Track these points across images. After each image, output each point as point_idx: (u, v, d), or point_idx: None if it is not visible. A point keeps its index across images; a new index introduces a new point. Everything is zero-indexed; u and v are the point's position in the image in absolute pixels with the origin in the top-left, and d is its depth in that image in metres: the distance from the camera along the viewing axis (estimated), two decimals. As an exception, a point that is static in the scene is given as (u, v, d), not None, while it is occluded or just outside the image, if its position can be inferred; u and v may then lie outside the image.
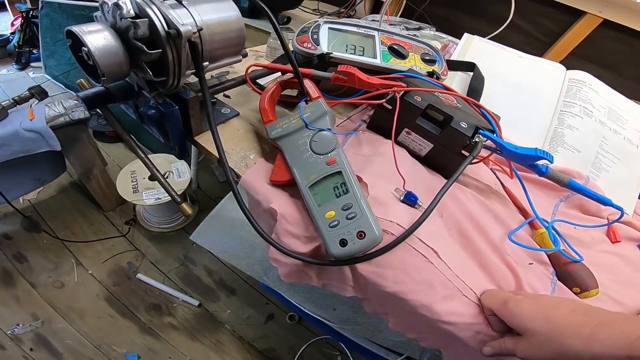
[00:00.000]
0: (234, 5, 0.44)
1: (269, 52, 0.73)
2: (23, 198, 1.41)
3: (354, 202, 0.34)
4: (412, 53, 0.56)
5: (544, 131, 0.60)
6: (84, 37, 0.37)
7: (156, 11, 0.36)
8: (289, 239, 0.37)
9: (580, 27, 0.92)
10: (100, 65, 0.37)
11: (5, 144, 0.96)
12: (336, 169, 0.37)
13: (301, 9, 1.24)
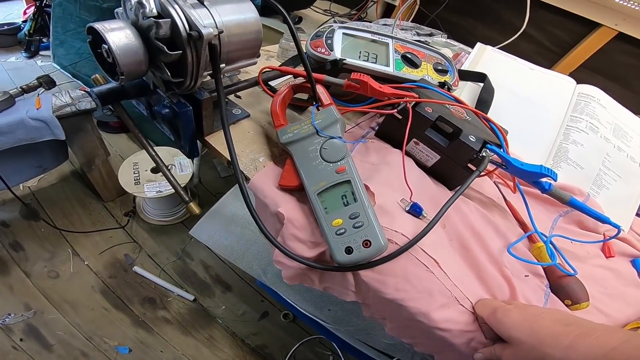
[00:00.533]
0: (253, 7, 0.44)
1: (281, 53, 0.73)
2: (23, 185, 1.41)
3: (362, 211, 0.35)
4: (425, 62, 0.56)
5: (549, 146, 0.60)
6: (106, 35, 0.37)
7: (179, 11, 0.36)
8: (294, 243, 0.38)
9: (594, 39, 0.92)
10: (120, 63, 0.37)
11: (10, 132, 0.96)
12: (345, 178, 0.38)
13: (313, 9, 1.24)
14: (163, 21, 0.36)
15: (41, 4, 2.55)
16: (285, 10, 1.03)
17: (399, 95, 0.45)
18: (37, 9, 2.60)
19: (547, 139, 0.61)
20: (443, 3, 1.14)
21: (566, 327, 0.30)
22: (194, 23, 0.36)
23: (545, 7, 0.96)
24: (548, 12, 0.97)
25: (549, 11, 0.97)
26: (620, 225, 0.57)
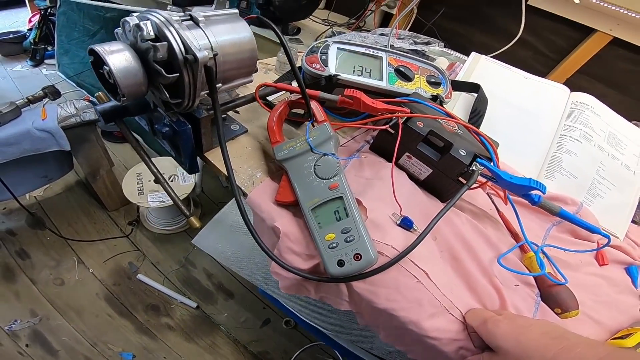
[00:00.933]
0: (247, 26, 0.46)
1: (278, 67, 0.74)
2: (29, 194, 1.44)
3: (353, 226, 0.36)
4: (418, 75, 0.57)
5: (542, 155, 0.61)
6: (107, 57, 0.38)
7: (175, 34, 0.37)
8: (290, 255, 0.39)
9: (589, 45, 0.92)
10: (120, 85, 0.39)
11: (17, 143, 0.99)
12: (338, 194, 0.39)
13: (311, 19, 1.25)
14: (160, 45, 0.37)
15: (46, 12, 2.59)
16: (282, 21, 1.06)
17: (391, 110, 0.46)
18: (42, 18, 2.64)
19: (541, 149, 0.62)
20: (440, 11, 1.16)
21: (552, 339, 0.31)
22: (189, 46, 0.37)
23: (541, 13, 0.97)
24: (543, 18, 0.98)
25: (544, 17, 0.97)
26: (616, 232, 0.58)
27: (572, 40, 0.97)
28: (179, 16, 0.41)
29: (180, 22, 0.40)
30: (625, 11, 0.83)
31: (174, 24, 0.38)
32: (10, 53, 2.97)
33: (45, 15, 2.59)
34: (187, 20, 0.41)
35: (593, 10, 0.90)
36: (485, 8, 1.10)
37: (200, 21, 0.41)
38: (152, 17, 0.39)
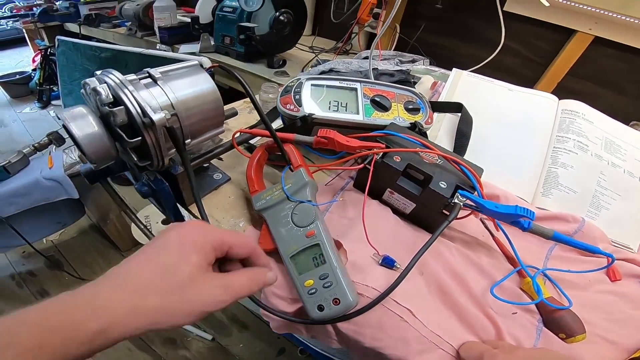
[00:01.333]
0: (208, 77, 0.45)
1: (262, 105, 0.75)
2: (46, 239, 1.50)
3: (330, 272, 0.37)
4: (395, 103, 0.56)
5: (537, 172, 0.59)
6: (70, 125, 0.38)
7: (130, 97, 0.37)
8: (275, 299, 0.40)
9: (573, 46, 0.90)
10: (86, 152, 0.39)
11: (28, 193, 1.01)
12: (315, 242, 0.39)
13: (297, 48, 1.27)
14: (117, 110, 0.36)
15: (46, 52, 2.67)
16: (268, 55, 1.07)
17: (366, 147, 0.45)
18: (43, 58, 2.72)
19: (535, 165, 0.59)
20: (420, 26, 1.16)
21: None
22: (144, 109, 0.37)
23: (518, 18, 0.96)
24: (522, 23, 0.97)
25: (523, 22, 0.96)
26: (628, 244, 0.55)
27: (556, 42, 0.95)
28: (136, 75, 0.41)
29: (137, 82, 0.39)
30: (600, 10, 0.82)
31: (128, 85, 0.38)
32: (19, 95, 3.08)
33: (47, 55, 2.66)
34: (145, 78, 0.41)
35: (567, 11, 0.88)
36: (465, 19, 1.09)
37: (157, 78, 0.41)
38: (109, 79, 0.38)
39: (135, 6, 1.58)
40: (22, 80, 3.01)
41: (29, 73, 3.05)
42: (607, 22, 0.85)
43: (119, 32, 1.85)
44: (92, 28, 2.03)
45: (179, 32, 1.40)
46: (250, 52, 1.12)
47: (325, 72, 0.89)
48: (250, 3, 1.02)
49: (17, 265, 1.46)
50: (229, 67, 0.47)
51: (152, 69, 0.42)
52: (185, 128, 0.43)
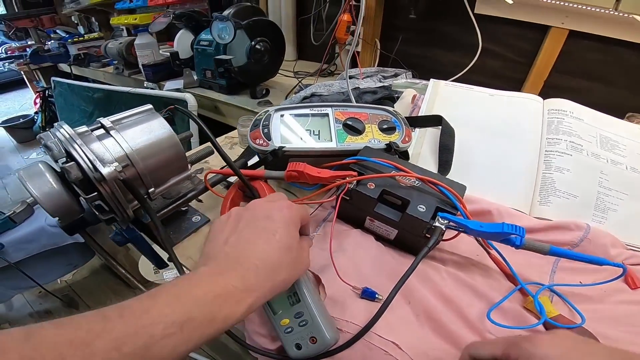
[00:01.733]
0: (163, 122, 0.44)
1: (241, 140, 0.74)
2: (60, 279, 1.58)
3: (305, 310, 0.36)
4: (369, 124, 0.54)
5: (531, 180, 0.55)
6: (26, 184, 0.37)
7: (80, 152, 0.36)
8: (258, 337, 0.39)
9: (550, 42, 0.88)
10: (48, 211, 0.38)
11: (35, 239, 1.05)
12: None
13: (281, 74, 1.26)
14: (69, 166, 0.35)
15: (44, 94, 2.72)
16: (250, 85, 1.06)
17: (338, 177, 0.43)
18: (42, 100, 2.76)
19: (528, 172, 0.56)
20: (398, 39, 1.15)
21: None
22: (94, 164, 0.35)
23: (492, 20, 0.94)
24: (497, 24, 0.95)
25: (496, 23, 0.94)
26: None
27: (533, 41, 0.92)
28: (88, 127, 0.40)
29: (89, 135, 0.38)
30: (566, 3, 0.80)
31: (77, 140, 0.36)
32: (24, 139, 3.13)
33: (45, 97, 2.71)
34: (98, 129, 0.40)
35: (535, 7, 0.86)
36: (440, 26, 1.08)
37: (109, 128, 0.40)
38: (59, 133, 0.37)
39: (118, 45, 1.60)
40: (25, 124, 3.05)
41: (32, 116, 3.09)
42: (577, 15, 0.82)
43: (108, 71, 1.87)
44: (83, 68, 2.06)
45: (163, 68, 1.40)
46: (231, 84, 1.12)
47: (307, 97, 0.88)
48: (223, 35, 1.02)
49: (35, 305, 1.54)
50: (207, 106, 0.45)
51: (104, 118, 0.41)
52: (145, 177, 0.41)
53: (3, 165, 2.86)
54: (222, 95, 1.13)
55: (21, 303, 1.54)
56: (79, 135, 0.38)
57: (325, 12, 1.31)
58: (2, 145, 3.14)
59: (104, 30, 2.52)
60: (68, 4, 2.65)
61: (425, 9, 1.06)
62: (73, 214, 0.41)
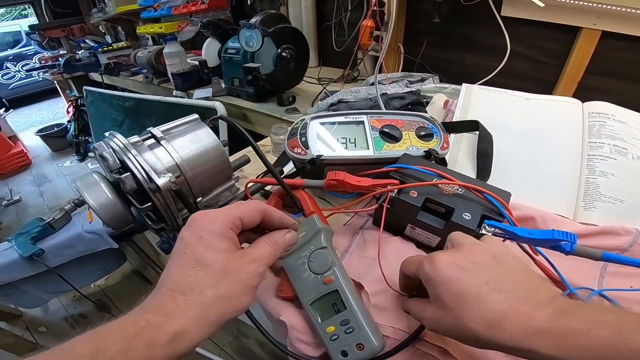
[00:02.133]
0: (209, 132, 0.45)
1: (274, 148, 0.75)
2: (94, 284, 1.65)
3: (351, 317, 0.36)
4: (406, 131, 0.54)
5: (574, 185, 0.54)
6: (84, 194, 0.39)
7: (135, 163, 0.37)
8: (300, 344, 0.40)
9: (582, 44, 0.85)
10: (103, 219, 0.39)
11: (72, 245, 1.09)
12: (333, 288, 0.38)
13: (305, 81, 1.27)
14: (125, 177, 0.37)
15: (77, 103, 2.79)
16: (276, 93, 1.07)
17: (378, 185, 0.43)
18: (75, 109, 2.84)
19: (570, 177, 0.55)
20: (423, 43, 1.14)
21: None
22: (149, 174, 0.37)
23: (520, 22, 0.92)
24: (525, 26, 0.92)
25: (524, 25, 0.92)
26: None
27: (564, 42, 0.90)
28: (140, 136, 0.41)
29: (141, 144, 0.40)
30: (598, 4, 0.77)
31: (131, 149, 0.38)
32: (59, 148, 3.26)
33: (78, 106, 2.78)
34: (148, 139, 0.41)
35: (565, 9, 0.84)
36: (465, 29, 1.06)
37: (160, 138, 0.41)
38: (113, 143, 0.39)
39: (148, 53, 1.65)
40: (59, 133, 3.17)
41: (65, 125, 3.21)
42: (609, 16, 0.80)
43: (137, 80, 1.91)
44: (114, 77, 2.12)
45: (192, 77, 1.43)
46: (259, 92, 1.14)
47: (334, 104, 0.89)
48: (251, 43, 1.04)
49: (70, 309, 1.61)
50: (235, 114, 0.47)
51: (155, 128, 0.43)
52: (194, 187, 0.43)
53: (39, 173, 3.00)
54: (250, 103, 1.15)
55: (56, 307, 1.61)
56: (132, 145, 0.40)
57: (347, 19, 1.32)
58: (38, 153, 3.30)
59: (130, 39, 2.61)
60: (95, 13, 2.76)
61: (449, 13, 1.06)
62: (126, 223, 0.42)
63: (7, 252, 1.00)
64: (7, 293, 1.10)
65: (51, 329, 1.53)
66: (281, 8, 1.54)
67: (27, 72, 4.97)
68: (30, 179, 2.93)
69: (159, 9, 1.96)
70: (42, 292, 1.20)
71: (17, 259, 0.98)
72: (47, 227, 1.01)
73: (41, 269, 1.03)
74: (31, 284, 1.13)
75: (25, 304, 1.21)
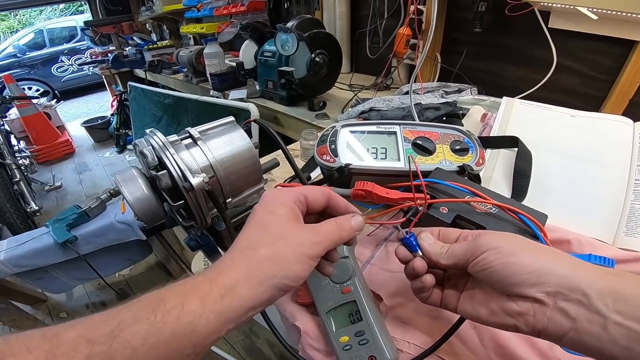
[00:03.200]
0: (243, 134, 0.46)
1: (302, 152, 0.75)
2: (118, 273, 1.73)
3: (367, 329, 0.36)
4: (440, 144, 0.53)
5: (616, 211, 0.50)
6: (122, 188, 0.41)
7: (172, 160, 0.39)
8: (312, 351, 0.40)
9: (637, 58, 0.79)
10: (137, 214, 0.41)
11: (103, 234, 1.14)
12: (351, 298, 0.38)
13: (336, 87, 1.27)
14: (161, 174, 0.38)
15: (121, 97, 2.96)
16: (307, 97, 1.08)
17: (407, 199, 0.42)
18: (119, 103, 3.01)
19: (613, 202, 0.51)
20: (462, 53, 1.11)
21: None
22: (184, 174, 0.38)
23: (568, 34, 0.87)
24: (574, 38, 0.87)
25: (573, 37, 0.87)
26: None
27: (616, 56, 0.84)
28: (178, 135, 0.43)
29: (179, 143, 0.41)
30: None
31: (170, 148, 0.40)
32: (101, 139, 3.49)
33: (121, 100, 2.94)
34: (186, 138, 0.43)
35: (620, 22, 0.78)
36: (508, 40, 1.02)
37: (197, 138, 0.43)
38: (153, 141, 0.41)
39: (189, 53, 1.72)
40: (102, 125, 3.40)
41: (108, 118, 3.43)
42: None
43: (177, 78, 1.99)
44: (156, 74, 2.22)
45: (229, 77, 1.47)
46: (291, 95, 1.15)
47: (365, 111, 0.88)
48: (287, 47, 1.06)
49: (92, 296, 1.68)
50: (267, 117, 0.47)
51: (192, 128, 0.44)
52: (225, 187, 0.44)
53: (81, 162, 3.20)
54: (281, 107, 1.17)
55: (80, 294, 1.68)
56: (171, 144, 0.41)
57: (383, 26, 1.31)
58: (82, 143, 3.52)
59: (173, 38, 2.73)
60: (144, 12, 2.91)
61: (491, 23, 1.02)
62: (158, 219, 0.44)
63: (43, 237, 1.05)
64: (37, 277, 1.16)
65: (72, 316, 1.60)
66: (316, 12, 1.55)
67: (79, 66, 5.34)
68: (72, 166, 3.13)
69: (202, 9, 2.04)
70: (70, 279, 1.26)
71: (51, 245, 1.03)
72: (82, 214, 1.06)
73: (72, 255, 1.07)
74: (61, 270, 1.18)
75: (53, 289, 1.27)
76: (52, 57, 5.33)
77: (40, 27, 5.54)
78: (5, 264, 1.03)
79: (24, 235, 1.09)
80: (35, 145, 3.06)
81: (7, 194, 1.87)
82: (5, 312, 1.28)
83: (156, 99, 1.84)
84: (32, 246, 1.04)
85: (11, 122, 2.92)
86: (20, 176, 2.13)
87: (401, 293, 0.41)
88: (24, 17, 7.63)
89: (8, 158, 2.13)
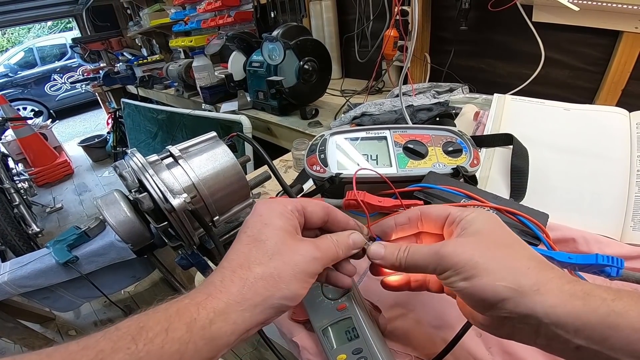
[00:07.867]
0: (227, 150, 0.45)
1: (295, 163, 0.74)
2: (124, 290, 1.72)
3: (364, 346, 0.35)
4: (432, 146, 0.51)
5: (621, 204, 0.49)
6: (103, 212, 0.40)
7: (151, 181, 0.37)
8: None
9: (624, 48, 0.78)
10: (121, 237, 0.40)
11: (105, 253, 1.15)
12: (347, 315, 0.37)
13: (328, 94, 1.26)
14: (142, 197, 0.37)
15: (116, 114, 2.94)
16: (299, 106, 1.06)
17: (401, 206, 0.41)
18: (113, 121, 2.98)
19: (616, 197, 0.49)
20: (450, 51, 1.10)
21: None
22: (164, 195, 0.36)
23: (553, 27, 0.86)
24: (560, 31, 0.86)
25: (560, 30, 0.86)
26: None
27: (603, 47, 0.83)
28: (159, 155, 0.41)
29: (159, 163, 0.40)
30: (637, 6, 0.71)
31: (149, 169, 0.38)
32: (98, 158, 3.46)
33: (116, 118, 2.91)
34: (167, 157, 0.42)
35: (602, 12, 0.78)
36: (494, 35, 1.01)
37: (178, 157, 0.41)
38: (132, 162, 0.39)
39: (178, 67, 1.71)
40: (100, 144, 3.37)
41: (105, 136, 3.41)
42: None
43: (169, 93, 1.98)
44: (148, 90, 2.21)
45: (220, 90, 1.45)
46: (283, 105, 1.14)
47: (358, 117, 0.87)
48: (274, 56, 1.05)
49: (99, 314, 1.69)
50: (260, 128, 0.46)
51: (173, 146, 0.43)
52: (211, 206, 0.42)
53: (80, 182, 3.19)
54: (274, 117, 1.16)
55: (88, 311, 1.69)
56: (150, 165, 0.40)
57: (370, 29, 1.31)
58: (80, 163, 3.52)
59: (163, 52, 2.74)
60: (132, 27, 2.92)
61: (476, 20, 1.01)
62: (144, 240, 0.43)
63: (45, 258, 1.06)
64: (43, 297, 1.17)
65: (80, 333, 1.61)
66: (304, 20, 1.55)
67: (71, 84, 5.32)
68: (72, 187, 3.12)
69: (189, 22, 2.04)
70: (76, 297, 1.27)
71: (53, 265, 1.04)
72: (82, 235, 1.08)
73: (75, 274, 1.08)
74: (66, 289, 1.19)
75: (59, 308, 1.27)
76: (45, 75, 5.28)
77: (30, 45, 5.49)
78: (10, 285, 1.05)
79: (25, 257, 1.10)
80: (34, 167, 3.02)
81: (7, 217, 1.86)
82: (15, 331, 1.29)
83: (150, 115, 1.83)
84: (34, 267, 1.05)
85: (8, 145, 2.90)
86: (20, 200, 2.12)
87: (400, 304, 0.41)
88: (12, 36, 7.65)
89: (6, 182, 2.13)
